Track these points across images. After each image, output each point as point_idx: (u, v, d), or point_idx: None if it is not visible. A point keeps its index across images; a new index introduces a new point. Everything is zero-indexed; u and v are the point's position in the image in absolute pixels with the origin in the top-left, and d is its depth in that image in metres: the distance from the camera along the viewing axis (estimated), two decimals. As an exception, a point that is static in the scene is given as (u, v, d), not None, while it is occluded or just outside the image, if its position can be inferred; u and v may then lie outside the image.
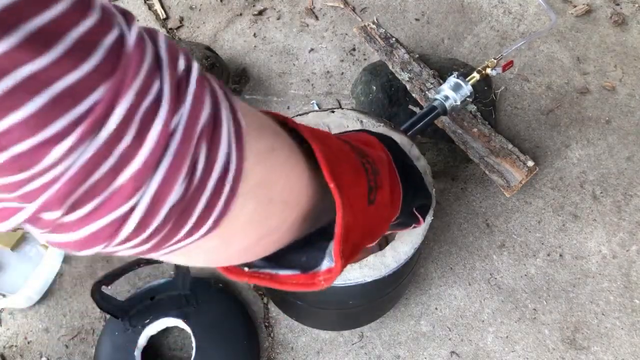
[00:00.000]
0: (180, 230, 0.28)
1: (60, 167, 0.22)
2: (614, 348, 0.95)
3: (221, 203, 0.29)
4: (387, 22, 1.26)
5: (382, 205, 0.46)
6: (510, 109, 1.15)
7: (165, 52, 0.26)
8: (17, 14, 0.20)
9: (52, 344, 0.96)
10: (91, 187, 0.24)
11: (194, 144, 0.26)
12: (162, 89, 0.25)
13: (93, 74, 0.22)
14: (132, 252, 0.28)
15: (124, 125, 0.23)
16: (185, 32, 1.26)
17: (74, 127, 0.22)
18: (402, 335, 0.96)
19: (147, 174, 0.25)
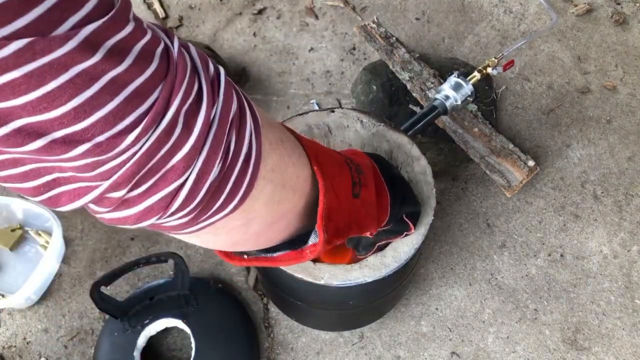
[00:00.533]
0: (214, 205, 0.34)
1: (130, 152, 0.28)
2: (615, 348, 0.95)
3: (246, 181, 0.35)
4: (388, 21, 1.25)
5: (368, 203, 0.52)
6: (511, 108, 1.15)
7: (198, 59, 0.32)
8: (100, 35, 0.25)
9: (51, 344, 0.96)
10: (152, 168, 0.29)
11: (227, 131, 0.32)
12: (202, 87, 0.31)
13: (153, 77, 0.28)
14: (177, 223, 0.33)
15: (177, 117, 0.29)
16: (185, 31, 1.25)
17: (141, 120, 0.27)
18: (402, 336, 0.96)
19: (194, 155, 0.30)
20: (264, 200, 0.38)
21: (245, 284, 1.00)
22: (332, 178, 0.45)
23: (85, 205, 0.31)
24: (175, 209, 0.31)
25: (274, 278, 0.74)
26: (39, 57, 0.23)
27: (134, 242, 1.04)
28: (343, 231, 0.48)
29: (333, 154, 0.49)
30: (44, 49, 0.23)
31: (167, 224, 0.33)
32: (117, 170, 0.28)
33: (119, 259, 1.02)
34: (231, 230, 0.38)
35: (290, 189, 0.41)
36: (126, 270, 0.88)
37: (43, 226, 1.04)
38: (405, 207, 0.61)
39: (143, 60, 0.27)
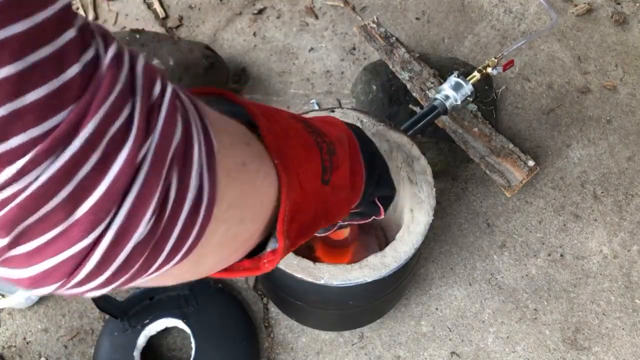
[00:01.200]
0: (150, 267, 0.26)
1: (10, 189, 0.20)
2: (615, 348, 0.95)
3: (194, 233, 0.27)
4: (388, 21, 1.25)
5: (340, 187, 0.44)
6: (511, 108, 1.15)
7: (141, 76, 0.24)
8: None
9: (51, 344, 0.96)
10: (44, 217, 0.21)
11: (165, 173, 0.24)
12: (133, 114, 0.23)
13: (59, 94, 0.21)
14: (96, 292, 0.26)
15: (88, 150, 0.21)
16: (185, 31, 1.25)
17: (33, 145, 0.20)
18: (402, 336, 0.96)
19: (108, 207, 0.23)
20: (216, 242, 0.31)
21: (245, 284, 1.00)
22: (298, 168, 0.38)
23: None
24: (83, 277, 0.23)
25: (274, 278, 0.74)
26: None
27: (134, 242, 1.04)
28: (309, 229, 0.42)
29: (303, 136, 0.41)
30: None
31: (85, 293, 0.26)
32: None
33: (119, 259, 1.02)
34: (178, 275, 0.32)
35: (250, 220, 0.34)
36: (126, 270, 0.88)
37: (43, 226, 1.04)
38: (380, 189, 0.54)
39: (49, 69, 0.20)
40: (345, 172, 0.45)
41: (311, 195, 0.40)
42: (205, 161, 0.27)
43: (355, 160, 0.48)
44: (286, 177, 0.36)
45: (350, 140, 0.48)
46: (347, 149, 0.47)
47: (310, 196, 0.40)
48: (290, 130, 0.40)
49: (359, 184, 0.49)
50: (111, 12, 1.27)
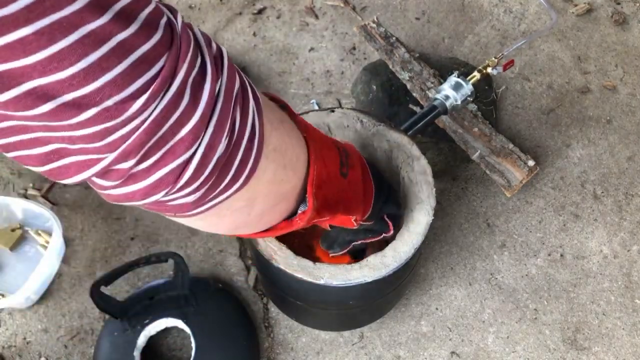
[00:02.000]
0: (221, 183, 0.34)
1: (138, 119, 0.28)
2: (615, 348, 0.95)
3: (252, 160, 0.35)
4: (387, 21, 1.25)
5: (355, 183, 0.52)
6: (511, 108, 1.15)
7: (201, 37, 0.32)
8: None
9: (51, 344, 0.96)
10: (161, 138, 0.29)
11: (232, 107, 0.32)
12: (205, 62, 0.31)
13: (158, 45, 0.28)
14: (184, 201, 0.33)
15: (183, 87, 0.29)
16: (185, 31, 1.25)
17: (149, 86, 0.27)
18: (402, 336, 0.96)
19: (202, 128, 0.30)
20: (267, 180, 0.38)
21: (245, 284, 1.00)
22: (323, 150, 0.46)
23: (92, 178, 0.30)
24: (183, 183, 0.31)
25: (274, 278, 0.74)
26: (49, 13, 0.23)
27: (134, 241, 1.04)
28: (332, 205, 0.48)
29: (323, 135, 0.50)
30: (54, 5, 0.23)
31: (174, 202, 0.33)
32: (126, 138, 0.28)
33: (119, 259, 1.02)
34: (235, 212, 0.38)
35: (290, 169, 0.41)
36: (126, 270, 0.88)
37: (43, 226, 1.04)
38: (388, 206, 0.61)
39: (149, 28, 0.27)
40: (358, 173, 0.53)
41: (333, 178, 0.48)
42: (256, 107, 0.35)
43: (365, 173, 0.55)
44: (313, 149, 0.44)
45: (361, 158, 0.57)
46: (359, 160, 0.55)
47: (332, 177, 0.47)
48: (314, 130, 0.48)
49: (370, 192, 0.56)
50: (111, 12, 1.27)
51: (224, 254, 1.02)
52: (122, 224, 1.05)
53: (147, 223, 1.05)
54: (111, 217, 1.05)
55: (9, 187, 1.09)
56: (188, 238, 1.03)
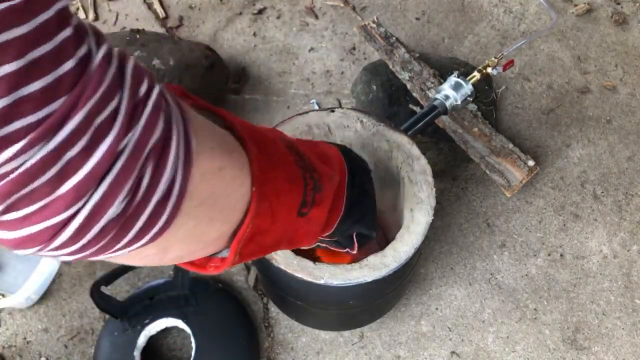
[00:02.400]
0: (119, 242, 0.29)
1: (7, 167, 0.23)
2: (615, 348, 0.95)
3: (162, 220, 0.30)
4: (387, 21, 1.25)
5: (315, 220, 0.48)
6: (511, 108, 1.15)
7: (129, 75, 0.27)
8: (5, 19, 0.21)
9: (51, 344, 0.96)
10: (33, 191, 0.25)
11: (141, 163, 0.28)
12: (119, 108, 0.26)
13: (55, 85, 0.24)
14: (70, 258, 0.29)
15: (75, 137, 0.25)
16: (185, 31, 1.25)
17: (28, 132, 0.23)
18: (402, 336, 0.96)
19: (89, 186, 0.26)
20: (183, 235, 0.34)
21: (246, 284, 1.00)
22: (275, 199, 0.41)
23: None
24: (59, 244, 0.27)
25: (274, 278, 0.74)
26: None
27: (134, 241, 1.04)
28: (267, 249, 0.45)
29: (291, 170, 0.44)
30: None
31: (58, 257, 0.29)
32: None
33: (119, 259, 1.02)
34: (146, 257, 0.35)
35: (219, 221, 0.37)
36: (126, 270, 0.88)
37: (43, 226, 1.04)
38: (358, 226, 0.57)
39: (48, 63, 0.23)
40: (324, 209, 0.48)
41: (281, 224, 0.43)
42: (182, 159, 0.30)
43: (338, 197, 0.51)
44: (257, 204, 0.39)
45: (341, 177, 0.52)
46: (335, 187, 0.50)
47: (280, 224, 0.43)
48: (278, 163, 0.43)
49: (333, 220, 0.52)
50: (111, 12, 1.27)
51: (224, 253, 1.02)
52: (122, 224, 1.05)
53: (147, 223, 1.05)
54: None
55: (9, 187, 1.09)
56: (188, 238, 1.03)
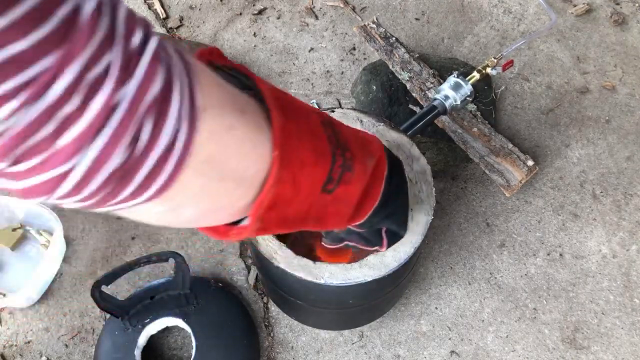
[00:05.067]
0: (120, 193, 0.30)
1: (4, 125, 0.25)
2: (614, 348, 0.95)
3: (165, 174, 0.31)
4: (387, 21, 1.26)
5: (343, 201, 0.47)
6: (510, 108, 1.15)
7: (121, 26, 0.27)
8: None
9: (52, 343, 0.96)
10: (35, 145, 0.26)
11: (139, 116, 0.28)
12: (111, 62, 0.26)
13: (41, 43, 0.24)
14: (76, 206, 0.31)
15: (69, 93, 0.25)
16: (185, 31, 1.26)
17: (19, 91, 0.24)
18: (402, 335, 0.96)
19: (87, 139, 0.27)
20: (194, 193, 0.34)
21: (246, 283, 1.00)
22: (299, 167, 0.40)
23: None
24: (62, 194, 0.29)
25: (274, 277, 0.74)
26: None
27: (134, 241, 1.04)
28: (293, 223, 0.44)
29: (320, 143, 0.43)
30: None
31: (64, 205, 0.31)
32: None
33: (120, 258, 1.02)
34: (156, 214, 0.35)
35: (232, 181, 0.36)
36: (127, 270, 0.88)
37: (44, 225, 1.04)
38: (389, 222, 0.56)
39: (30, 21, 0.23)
40: (355, 190, 0.47)
41: (305, 196, 0.42)
42: (187, 113, 0.30)
43: (375, 185, 0.50)
44: (278, 169, 0.38)
45: (378, 165, 0.50)
46: (370, 172, 0.49)
47: (303, 197, 0.42)
48: (306, 132, 0.42)
49: (368, 207, 0.51)
50: (112, 13, 1.28)
51: (225, 253, 1.03)
52: (123, 223, 1.05)
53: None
54: (112, 216, 1.06)
55: (10, 186, 1.09)
56: (189, 237, 1.04)
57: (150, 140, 0.29)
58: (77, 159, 0.27)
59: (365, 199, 0.49)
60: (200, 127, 0.31)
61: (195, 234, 1.04)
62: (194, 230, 1.04)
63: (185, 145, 0.30)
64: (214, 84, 0.34)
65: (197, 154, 0.32)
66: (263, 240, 0.68)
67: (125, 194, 0.30)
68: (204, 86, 0.32)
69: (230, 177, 0.36)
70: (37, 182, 0.28)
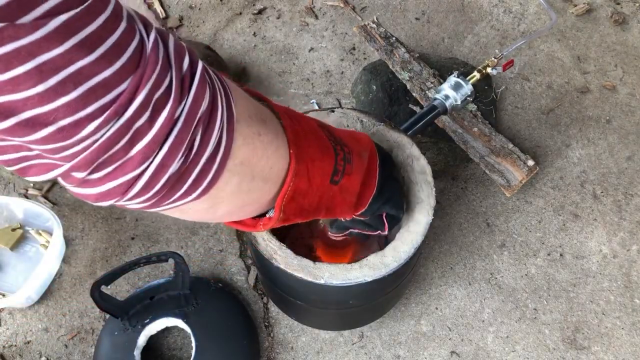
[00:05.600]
0: (175, 194, 0.36)
1: (90, 139, 0.29)
2: (615, 348, 0.95)
3: (210, 175, 0.36)
4: (387, 21, 1.26)
5: (348, 191, 0.53)
6: (510, 108, 1.15)
7: (173, 54, 0.33)
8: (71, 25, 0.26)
9: (52, 343, 0.96)
10: (112, 155, 0.31)
11: (193, 128, 0.33)
12: (172, 83, 0.32)
13: (121, 71, 0.29)
14: (139, 207, 0.36)
15: (141, 111, 0.30)
16: (185, 31, 1.25)
17: (104, 110, 0.29)
18: (402, 335, 0.96)
19: (154, 149, 0.32)
20: (230, 191, 0.40)
21: (246, 284, 1.00)
22: (311, 162, 0.46)
23: (52, 179, 0.33)
24: (132, 195, 0.33)
25: (274, 278, 0.74)
26: (7, 43, 0.25)
27: (134, 241, 1.04)
28: (309, 212, 0.50)
29: (322, 141, 0.50)
30: (11, 35, 0.25)
31: (129, 205, 0.36)
32: (78, 155, 0.30)
33: (120, 259, 1.02)
34: (198, 211, 0.40)
35: (261, 179, 0.42)
36: (126, 270, 0.88)
37: (43, 226, 1.04)
38: (388, 207, 0.61)
39: (113, 54, 0.28)
40: (356, 180, 0.53)
41: (317, 187, 0.48)
42: (226, 124, 0.36)
43: (370, 175, 0.56)
44: (295, 165, 0.44)
45: (371, 157, 0.57)
46: (365, 164, 0.55)
47: (316, 187, 0.48)
48: (310, 133, 0.48)
49: (367, 196, 0.56)
50: (111, 12, 1.27)
51: (224, 253, 1.02)
52: (123, 223, 1.05)
53: (147, 223, 1.05)
54: (111, 216, 1.05)
55: (10, 186, 1.09)
56: (188, 238, 1.04)
57: (200, 147, 0.34)
58: (145, 165, 0.32)
59: (365, 188, 0.55)
60: (236, 135, 0.37)
61: (195, 234, 1.04)
62: (193, 231, 1.04)
63: (226, 150, 0.36)
64: (243, 97, 0.40)
65: (235, 157, 0.38)
66: (263, 241, 0.68)
67: (178, 194, 0.36)
68: (237, 101, 0.38)
69: (259, 176, 0.42)
70: (111, 186, 0.33)
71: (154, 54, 0.31)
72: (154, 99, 0.31)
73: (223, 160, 0.36)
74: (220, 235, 1.04)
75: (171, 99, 0.31)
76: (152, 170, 0.32)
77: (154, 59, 0.31)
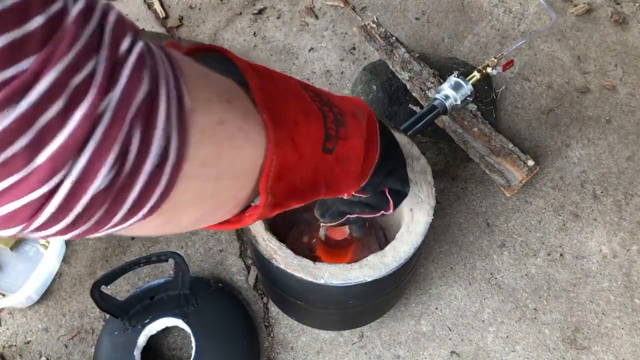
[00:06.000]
0: (114, 216, 0.27)
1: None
2: (615, 348, 0.95)
3: (160, 188, 0.27)
4: (387, 21, 1.25)
5: (348, 159, 0.44)
6: (510, 108, 1.15)
7: (109, 31, 0.24)
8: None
9: (52, 343, 0.96)
10: (6, 162, 0.22)
11: (126, 127, 0.25)
12: (96, 68, 0.23)
13: (23, 43, 0.21)
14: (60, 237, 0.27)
15: (49, 99, 0.22)
16: (185, 31, 1.25)
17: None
18: (402, 335, 0.96)
19: (67, 156, 0.23)
20: (190, 199, 0.31)
21: (246, 283, 1.00)
22: (294, 129, 0.37)
23: None
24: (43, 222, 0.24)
25: (274, 277, 0.74)
26: None
27: (134, 241, 1.04)
28: (304, 192, 0.41)
29: (304, 102, 0.40)
30: None
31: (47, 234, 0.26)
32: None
33: (120, 258, 1.02)
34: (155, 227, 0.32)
35: (230, 177, 0.34)
36: (126, 270, 0.88)
37: (43, 226, 1.04)
38: (391, 180, 0.52)
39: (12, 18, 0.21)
40: (356, 145, 0.44)
41: (309, 158, 0.39)
42: (175, 119, 0.27)
43: (372, 139, 0.47)
44: (274, 133, 0.35)
45: (370, 119, 0.47)
46: (364, 126, 0.45)
47: (307, 159, 0.39)
48: (289, 94, 0.39)
49: (368, 167, 0.47)
50: (111, 12, 1.27)
51: (224, 253, 1.02)
52: (123, 223, 1.05)
53: (147, 223, 1.05)
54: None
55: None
56: (188, 238, 1.04)
57: (139, 151, 0.25)
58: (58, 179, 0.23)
59: (367, 154, 0.46)
60: (192, 130, 0.28)
61: (195, 233, 1.04)
62: (193, 230, 1.04)
63: (179, 151, 0.27)
64: (200, 75, 0.32)
65: (193, 158, 0.29)
66: (263, 241, 0.68)
67: (117, 217, 0.27)
68: (190, 83, 0.29)
69: (226, 173, 0.33)
70: (10, 209, 0.23)
71: (75, 28, 0.23)
72: (70, 86, 0.22)
73: (177, 165, 0.27)
74: (220, 235, 1.04)
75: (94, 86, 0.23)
76: (69, 185, 0.23)
77: (74, 33, 0.22)
